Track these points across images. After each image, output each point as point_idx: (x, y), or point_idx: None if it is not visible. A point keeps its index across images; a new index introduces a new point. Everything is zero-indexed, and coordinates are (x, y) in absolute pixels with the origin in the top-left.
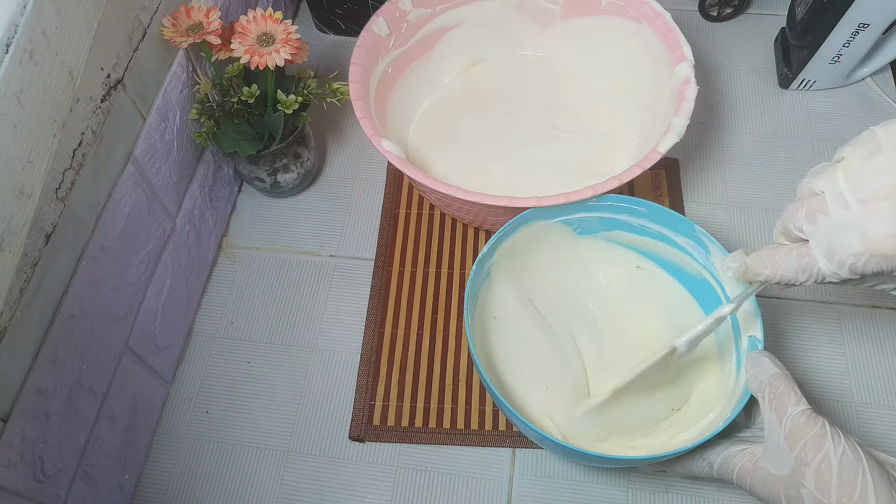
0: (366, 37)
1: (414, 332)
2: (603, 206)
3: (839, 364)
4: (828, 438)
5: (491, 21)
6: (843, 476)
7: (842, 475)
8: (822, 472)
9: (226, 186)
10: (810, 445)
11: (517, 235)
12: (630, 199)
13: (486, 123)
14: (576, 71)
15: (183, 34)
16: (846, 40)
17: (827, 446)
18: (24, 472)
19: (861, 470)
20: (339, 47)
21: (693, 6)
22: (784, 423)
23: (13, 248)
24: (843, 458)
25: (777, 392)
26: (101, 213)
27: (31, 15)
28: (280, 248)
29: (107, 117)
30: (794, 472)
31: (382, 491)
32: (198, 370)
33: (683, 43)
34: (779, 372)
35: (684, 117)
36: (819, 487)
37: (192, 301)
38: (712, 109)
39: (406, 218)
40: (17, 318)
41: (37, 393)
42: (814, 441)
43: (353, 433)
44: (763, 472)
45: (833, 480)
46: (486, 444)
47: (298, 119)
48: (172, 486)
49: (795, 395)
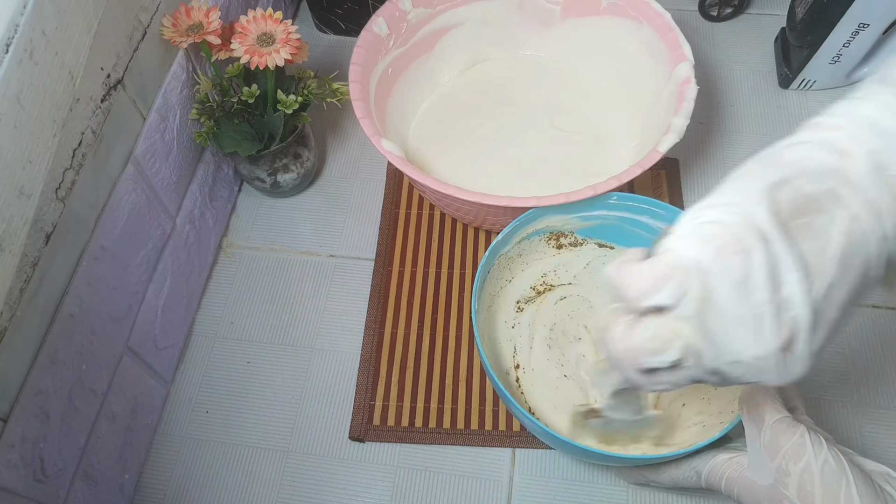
0: (366, 37)
1: (414, 332)
2: (624, 206)
3: (839, 364)
4: (808, 447)
5: (491, 21)
6: (826, 486)
7: (824, 485)
8: (804, 482)
9: (226, 186)
10: (790, 455)
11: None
12: (650, 201)
13: (487, 123)
14: (576, 71)
15: (183, 34)
16: (846, 40)
17: (807, 455)
18: (24, 472)
19: (844, 480)
20: (339, 47)
21: (693, 6)
22: (763, 432)
23: (13, 247)
24: (825, 467)
25: (755, 402)
26: (101, 213)
27: (31, 15)
28: (280, 248)
29: (107, 117)
30: (776, 482)
31: (382, 491)
32: (198, 370)
33: (683, 43)
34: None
35: (684, 117)
36: (802, 497)
37: (192, 301)
38: (712, 109)
39: (406, 218)
40: (17, 318)
41: (37, 393)
42: (794, 450)
43: (353, 433)
44: (748, 482)
45: (816, 490)
46: (486, 444)
47: (298, 119)
48: (172, 486)
49: (773, 403)
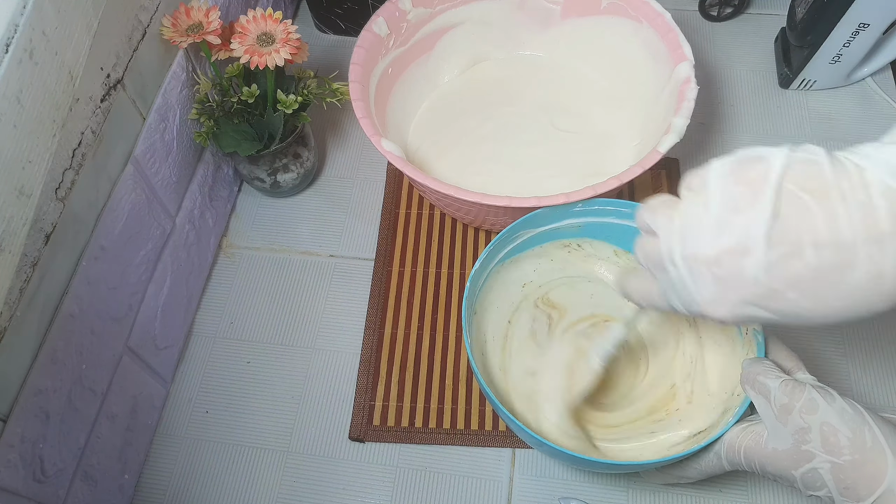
0: (366, 37)
1: (414, 332)
2: (603, 212)
3: (839, 364)
4: (819, 401)
5: (491, 21)
6: (850, 430)
7: (848, 430)
8: (826, 434)
9: (226, 186)
10: (805, 410)
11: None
12: (624, 203)
13: (486, 123)
14: (576, 71)
15: (183, 34)
16: (846, 40)
17: (822, 407)
18: (23, 472)
19: (867, 424)
20: (339, 47)
21: (693, 6)
22: (772, 401)
23: (13, 247)
24: (844, 414)
25: (755, 376)
26: (101, 213)
27: (30, 15)
28: (280, 248)
29: (106, 117)
30: (797, 440)
31: (382, 491)
32: (198, 370)
33: (683, 43)
34: (751, 359)
35: (684, 117)
36: (828, 448)
37: (192, 301)
38: (712, 109)
39: (406, 218)
40: (17, 318)
41: (37, 393)
42: (806, 406)
43: (353, 433)
44: (769, 450)
45: (841, 438)
46: (486, 444)
47: (298, 119)
48: (172, 486)
49: (773, 371)
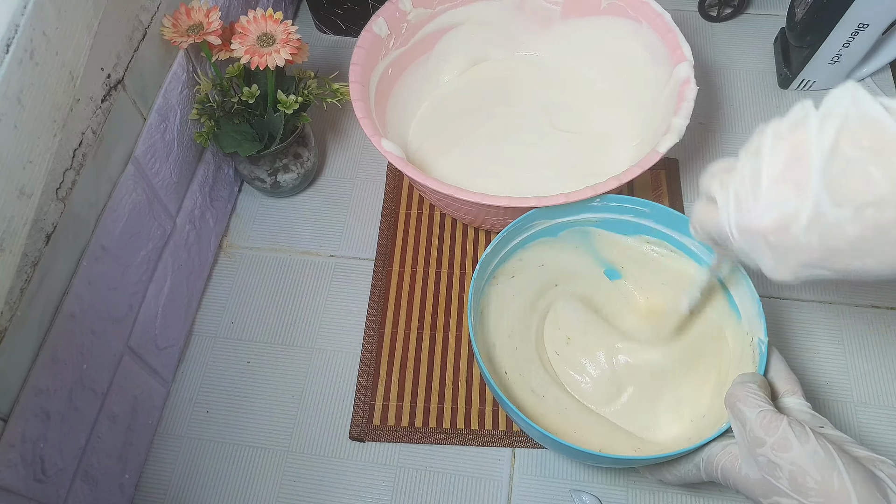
0: (366, 37)
1: (414, 332)
2: (608, 208)
3: (839, 364)
4: (792, 440)
5: (491, 21)
6: (819, 474)
7: (818, 472)
8: (795, 475)
9: (226, 186)
10: (777, 447)
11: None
12: (632, 200)
13: (487, 123)
14: (576, 71)
15: (183, 34)
16: (846, 40)
17: (794, 446)
18: (24, 472)
19: (836, 470)
20: (339, 47)
21: (693, 6)
22: (747, 430)
23: (13, 248)
24: (815, 457)
25: (737, 399)
26: (102, 213)
27: (31, 15)
28: (280, 248)
29: (107, 117)
30: (767, 474)
31: (382, 491)
32: (198, 370)
33: (683, 43)
34: (741, 378)
35: (684, 117)
36: (796, 489)
37: (193, 301)
38: (712, 109)
39: (406, 218)
40: (18, 318)
41: (37, 393)
42: (779, 443)
43: (353, 433)
44: (743, 476)
45: (809, 481)
46: (486, 444)
47: (298, 119)
48: (172, 486)
49: (755, 398)
